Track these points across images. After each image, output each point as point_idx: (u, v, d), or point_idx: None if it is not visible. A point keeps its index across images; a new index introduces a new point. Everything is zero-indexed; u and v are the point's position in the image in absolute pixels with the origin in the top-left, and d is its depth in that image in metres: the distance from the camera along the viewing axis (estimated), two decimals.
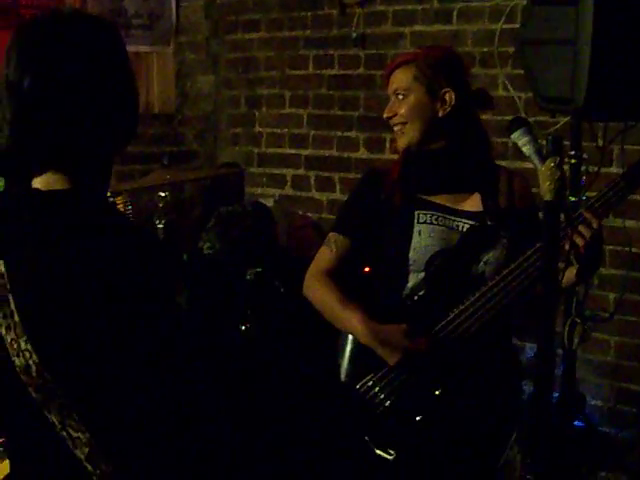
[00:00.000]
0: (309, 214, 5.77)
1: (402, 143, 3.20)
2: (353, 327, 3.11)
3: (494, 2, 5.00)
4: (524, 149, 2.65)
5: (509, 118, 2.83)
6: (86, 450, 1.82)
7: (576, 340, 2.88)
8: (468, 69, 3.37)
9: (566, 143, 2.85)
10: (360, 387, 3.13)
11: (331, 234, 3.30)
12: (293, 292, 3.37)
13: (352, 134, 5.62)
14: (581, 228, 2.87)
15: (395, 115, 3.19)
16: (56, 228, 1.81)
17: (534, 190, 3.07)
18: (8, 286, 1.83)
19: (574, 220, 2.85)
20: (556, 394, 2.98)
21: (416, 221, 3.13)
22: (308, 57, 5.81)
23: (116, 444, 1.84)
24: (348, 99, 5.65)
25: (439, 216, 3.13)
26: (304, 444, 3.90)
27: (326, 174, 5.75)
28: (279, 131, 6.00)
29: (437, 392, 3.05)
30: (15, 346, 1.83)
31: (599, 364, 4.74)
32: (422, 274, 3.11)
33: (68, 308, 1.79)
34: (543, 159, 2.46)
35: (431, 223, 3.12)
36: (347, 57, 5.63)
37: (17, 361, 1.83)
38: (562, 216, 2.54)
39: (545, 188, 2.39)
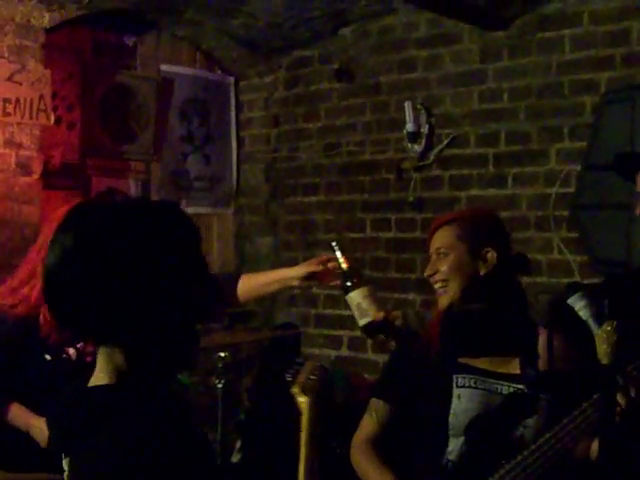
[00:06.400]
0: (366, 375, 5.77)
1: (444, 302, 3.20)
2: None
3: (548, 167, 5.09)
4: (580, 313, 2.66)
5: (564, 280, 2.86)
6: None
7: None
8: (509, 233, 3.40)
9: None
10: None
11: (372, 400, 3.25)
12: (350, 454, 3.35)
13: (409, 296, 5.65)
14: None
15: (436, 273, 3.21)
16: (106, 424, 1.76)
17: None
18: None
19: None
20: None
21: (455, 385, 3.08)
22: (365, 220, 5.92)
23: None
24: (405, 262, 5.71)
25: (478, 379, 3.10)
26: None
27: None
28: (336, 292, 6.05)
29: None
30: None
31: None
32: (462, 438, 3.05)
33: None
34: (600, 323, 2.48)
35: (470, 387, 3.08)
36: (404, 220, 5.73)
37: None
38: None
39: (602, 352, 2.40)
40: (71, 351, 3.74)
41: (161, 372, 1.87)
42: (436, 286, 3.22)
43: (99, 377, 1.85)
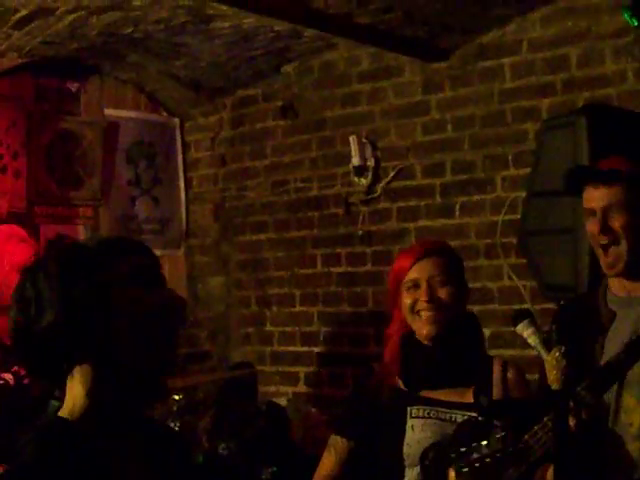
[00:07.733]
0: (323, 411, 5.75)
1: (434, 330, 3.15)
2: None
3: (494, 195, 5.13)
4: (529, 340, 2.67)
5: (516, 307, 2.87)
6: None
7: None
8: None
9: None
10: None
11: (332, 437, 3.28)
12: None
13: (362, 329, 5.65)
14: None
15: (435, 300, 3.15)
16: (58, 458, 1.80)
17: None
18: None
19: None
20: None
21: (409, 416, 3.10)
22: (316, 256, 5.92)
23: None
24: (357, 295, 5.71)
25: (432, 410, 3.11)
26: None
27: (338, 370, 5.76)
28: (290, 329, 6.04)
29: None
30: None
31: None
32: (417, 468, 3.04)
33: None
34: (548, 349, 2.49)
35: (423, 417, 3.09)
36: (354, 254, 5.73)
37: None
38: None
39: (552, 377, 2.41)
40: (8, 376, 3.73)
41: (125, 403, 1.91)
42: (429, 313, 3.16)
43: (64, 406, 1.90)
